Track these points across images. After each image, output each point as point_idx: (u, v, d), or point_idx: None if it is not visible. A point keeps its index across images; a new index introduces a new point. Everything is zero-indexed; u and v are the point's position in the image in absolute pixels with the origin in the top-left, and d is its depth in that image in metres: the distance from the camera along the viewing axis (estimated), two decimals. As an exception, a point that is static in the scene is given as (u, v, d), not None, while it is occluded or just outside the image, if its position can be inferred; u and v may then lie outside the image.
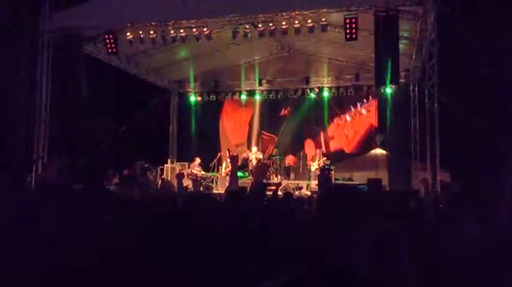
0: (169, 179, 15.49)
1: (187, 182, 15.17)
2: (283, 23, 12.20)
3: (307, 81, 17.56)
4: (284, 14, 11.87)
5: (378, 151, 17.27)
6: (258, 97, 18.47)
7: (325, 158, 15.59)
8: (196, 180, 15.53)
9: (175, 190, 13.05)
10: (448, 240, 3.44)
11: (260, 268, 2.42)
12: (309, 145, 18.07)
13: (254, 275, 2.28)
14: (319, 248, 1.51)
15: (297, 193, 13.96)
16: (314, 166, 15.41)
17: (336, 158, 16.72)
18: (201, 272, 2.37)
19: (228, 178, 15.61)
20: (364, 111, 17.80)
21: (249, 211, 4.06)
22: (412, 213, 3.85)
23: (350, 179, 14.69)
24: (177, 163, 16.99)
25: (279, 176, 16.23)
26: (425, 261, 2.59)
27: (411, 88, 15.82)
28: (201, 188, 15.41)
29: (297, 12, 11.74)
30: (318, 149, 16.01)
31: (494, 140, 10.94)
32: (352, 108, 17.96)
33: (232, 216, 3.84)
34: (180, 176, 14.77)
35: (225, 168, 15.83)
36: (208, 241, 2.58)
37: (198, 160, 16.10)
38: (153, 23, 12.39)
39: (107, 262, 2.27)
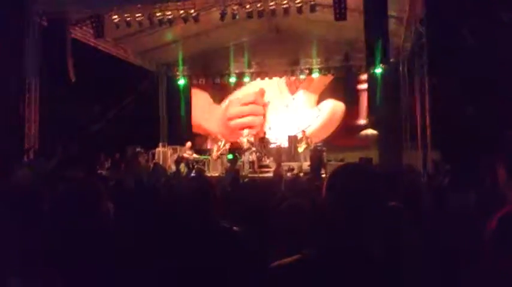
0: (161, 162, 15.42)
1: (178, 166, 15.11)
2: (271, 3, 12.09)
3: (297, 62, 17.49)
4: (272, -7, 11.76)
5: (369, 131, 17.33)
6: (247, 79, 18.37)
7: (309, 137, 15.69)
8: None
9: (168, 174, 13.00)
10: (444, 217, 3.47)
11: (271, 247, 2.42)
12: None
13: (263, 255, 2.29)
14: (329, 228, 1.51)
15: (289, 174, 13.97)
16: (302, 147, 15.45)
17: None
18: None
19: (219, 161, 15.62)
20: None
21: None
22: (406, 193, 3.86)
23: (342, 159, 14.73)
24: (169, 147, 16.91)
25: (271, 158, 16.24)
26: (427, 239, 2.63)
27: (401, 68, 15.83)
28: (193, 172, 15.38)
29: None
30: (301, 131, 16.01)
31: (484, 120, 11.01)
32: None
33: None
34: (178, 162, 14.73)
35: (217, 151, 15.81)
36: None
37: (189, 144, 16.05)
38: (139, 6, 12.20)
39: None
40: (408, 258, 1.74)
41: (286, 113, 18.41)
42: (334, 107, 17.92)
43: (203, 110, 19.31)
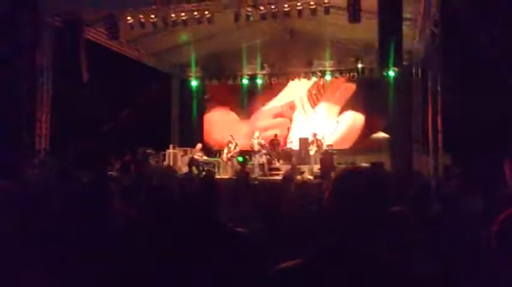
0: (171, 164, 15.47)
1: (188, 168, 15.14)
2: (286, 5, 12.08)
3: (310, 64, 17.45)
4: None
5: (381, 135, 17.22)
6: (259, 81, 18.36)
7: (321, 138, 15.60)
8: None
9: (178, 176, 13.01)
10: (453, 222, 3.43)
11: (277, 250, 2.41)
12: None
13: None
14: (332, 231, 1.50)
15: (299, 177, 13.91)
16: (313, 150, 15.38)
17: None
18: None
19: (229, 163, 15.62)
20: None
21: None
22: (417, 197, 3.83)
23: (353, 163, 14.64)
24: (179, 149, 16.96)
25: (281, 161, 16.21)
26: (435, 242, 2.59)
27: (414, 71, 15.70)
28: (203, 173, 15.38)
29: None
30: (312, 133, 15.95)
31: (497, 123, 10.86)
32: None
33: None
34: (190, 164, 14.78)
35: (227, 153, 15.82)
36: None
37: (199, 145, 16.09)
38: (154, 7, 12.27)
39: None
40: (413, 261, 1.72)
41: (307, 127, 18.10)
42: (353, 120, 17.81)
43: (228, 127, 18.54)
